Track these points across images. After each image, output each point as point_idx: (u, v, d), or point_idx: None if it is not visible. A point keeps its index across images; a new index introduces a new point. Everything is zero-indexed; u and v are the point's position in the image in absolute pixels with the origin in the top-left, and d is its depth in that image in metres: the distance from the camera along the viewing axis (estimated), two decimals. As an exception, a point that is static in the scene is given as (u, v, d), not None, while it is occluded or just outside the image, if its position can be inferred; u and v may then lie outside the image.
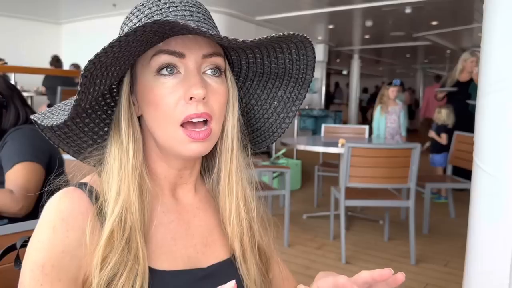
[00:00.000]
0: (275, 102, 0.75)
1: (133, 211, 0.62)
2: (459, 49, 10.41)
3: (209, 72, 0.64)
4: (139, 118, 0.67)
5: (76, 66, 7.06)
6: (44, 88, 6.08)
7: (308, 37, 0.63)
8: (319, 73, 11.52)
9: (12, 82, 3.70)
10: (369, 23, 8.50)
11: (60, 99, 5.41)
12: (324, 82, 12.09)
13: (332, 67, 15.92)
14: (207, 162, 0.76)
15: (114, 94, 0.68)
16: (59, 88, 5.41)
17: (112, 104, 0.70)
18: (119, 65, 0.60)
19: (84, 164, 0.72)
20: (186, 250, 0.69)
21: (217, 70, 0.64)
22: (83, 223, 0.60)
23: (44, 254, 0.59)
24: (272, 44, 0.64)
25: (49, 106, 5.89)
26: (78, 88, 0.56)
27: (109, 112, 0.70)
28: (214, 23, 0.67)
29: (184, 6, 0.63)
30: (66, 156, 1.77)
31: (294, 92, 0.74)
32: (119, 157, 0.64)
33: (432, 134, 4.94)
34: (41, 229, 0.61)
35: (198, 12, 0.64)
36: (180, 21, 0.53)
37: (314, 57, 0.67)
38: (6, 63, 6.04)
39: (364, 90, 16.55)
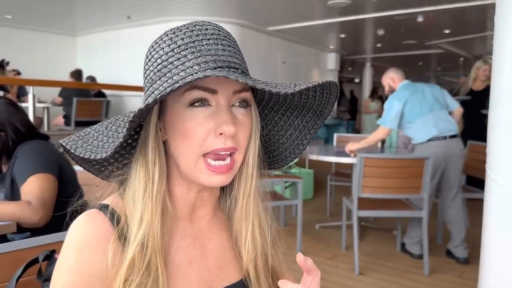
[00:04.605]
0: (291, 130, 0.77)
1: (155, 236, 0.63)
2: (473, 56, 10.33)
3: (237, 104, 0.65)
4: (164, 143, 0.68)
5: (92, 78, 7.16)
6: (60, 98, 6.18)
7: (336, 82, 0.65)
8: (331, 82, 11.48)
9: (30, 94, 3.79)
10: (381, 32, 8.49)
11: (75, 110, 5.51)
12: (336, 90, 12.05)
13: (345, 76, 15.88)
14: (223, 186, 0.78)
15: None
16: (74, 99, 5.51)
17: (136, 125, 0.71)
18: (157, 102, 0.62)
19: (105, 182, 0.74)
20: (201, 273, 0.71)
21: (245, 103, 0.66)
22: (105, 247, 0.62)
23: (72, 277, 0.62)
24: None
25: (64, 116, 6.00)
26: (124, 132, 0.59)
27: (132, 133, 0.71)
28: (241, 53, 0.68)
29: (216, 39, 0.64)
30: (76, 167, 1.82)
31: (310, 122, 0.75)
32: (144, 182, 0.65)
33: None
34: (67, 253, 0.63)
35: (229, 46, 0.65)
36: (228, 76, 0.56)
37: (337, 96, 0.69)
38: (19, 73, 6.17)
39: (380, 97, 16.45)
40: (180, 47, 0.63)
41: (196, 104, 0.63)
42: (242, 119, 0.65)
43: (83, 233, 0.64)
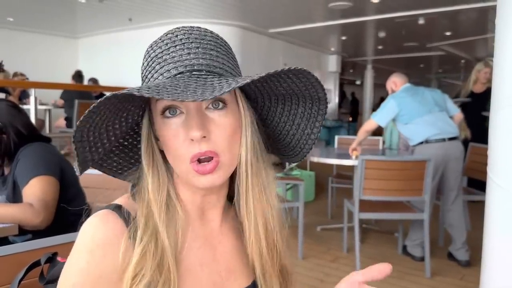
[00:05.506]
0: (298, 119, 0.75)
1: (164, 236, 0.64)
2: (474, 58, 10.33)
3: (211, 106, 0.64)
4: None
5: (94, 80, 7.18)
6: (61, 100, 6.20)
7: (301, 68, 0.62)
8: (332, 84, 11.53)
9: (32, 96, 3.80)
10: (382, 34, 8.51)
11: (77, 112, 5.51)
12: (337, 93, 12.08)
13: (346, 78, 15.90)
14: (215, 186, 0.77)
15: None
16: (76, 101, 5.52)
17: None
18: (131, 106, 0.64)
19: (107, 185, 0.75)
20: (212, 276, 0.70)
21: (219, 103, 0.64)
22: (118, 247, 0.62)
23: (83, 278, 0.61)
24: (269, 78, 0.64)
25: (66, 119, 6.01)
26: (93, 108, 0.62)
27: (138, 139, 0.74)
28: (223, 47, 0.67)
29: (183, 44, 0.64)
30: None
31: (313, 108, 0.73)
32: (150, 183, 0.67)
33: None
34: (79, 253, 0.63)
35: (198, 47, 0.64)
36: (178, 99, 0.53)
37: (316, 79, 0.66)
38: (27, 78, 6.18)
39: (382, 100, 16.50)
40: (153, 59, 0.65)
41: (168, 114, 0.64)
42: (219, 120, 0.64)
43: (96, 233, 0.63)
